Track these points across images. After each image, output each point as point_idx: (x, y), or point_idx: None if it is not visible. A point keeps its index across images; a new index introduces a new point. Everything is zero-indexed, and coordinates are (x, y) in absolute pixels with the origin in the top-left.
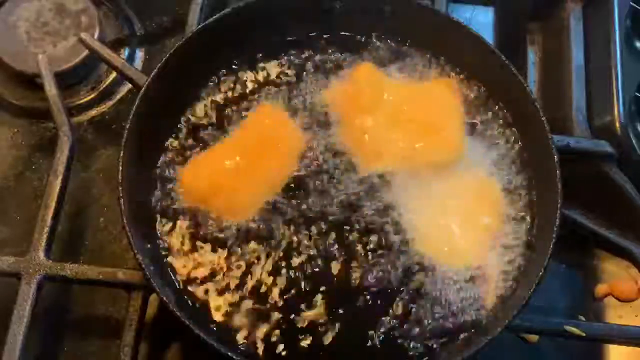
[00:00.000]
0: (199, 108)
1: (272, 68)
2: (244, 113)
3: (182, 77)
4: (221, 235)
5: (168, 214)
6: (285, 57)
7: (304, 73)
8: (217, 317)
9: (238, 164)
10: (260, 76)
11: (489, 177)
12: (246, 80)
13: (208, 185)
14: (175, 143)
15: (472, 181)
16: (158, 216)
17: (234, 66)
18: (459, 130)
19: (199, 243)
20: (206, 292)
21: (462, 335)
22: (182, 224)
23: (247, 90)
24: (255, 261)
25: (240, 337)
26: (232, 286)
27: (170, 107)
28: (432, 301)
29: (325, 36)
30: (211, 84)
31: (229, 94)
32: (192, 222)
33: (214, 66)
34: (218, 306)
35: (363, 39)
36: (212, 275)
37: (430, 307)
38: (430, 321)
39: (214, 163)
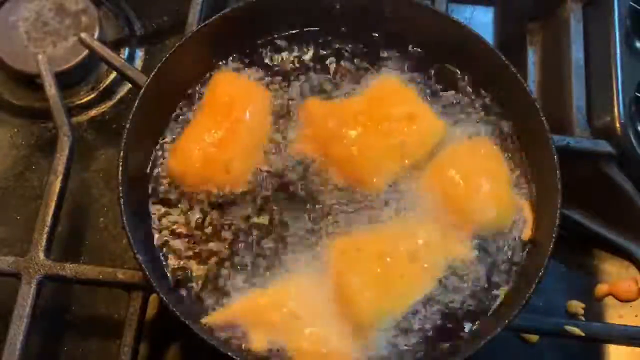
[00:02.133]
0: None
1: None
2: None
3: (182, 76)
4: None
5: (166, 205)
6: (286, 54)
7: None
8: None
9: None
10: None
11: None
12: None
13: (200, 163)
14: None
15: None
16: (156, 213)
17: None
18: (430, 113)
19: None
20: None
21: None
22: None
23: None
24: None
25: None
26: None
27: (170, 107)
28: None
29: (324, 38)
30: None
31: None
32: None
33: (214, 65)
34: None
35: (361, 39)
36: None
37: None
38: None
39: (197, 141)
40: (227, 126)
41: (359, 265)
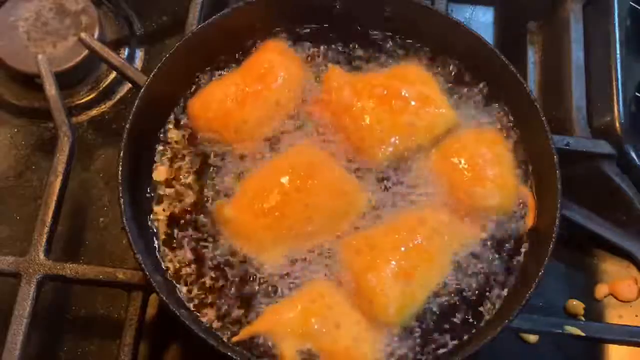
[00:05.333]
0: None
1: None
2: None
3: (182, 76)
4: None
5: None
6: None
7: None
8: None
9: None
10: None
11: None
12: None
13: (214, 113)
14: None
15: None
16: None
17: (232, 64)
18: (444, 101)
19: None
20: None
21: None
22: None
23: None
24: None
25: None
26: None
27: (170, 106)
28: None
29: (324, 39)
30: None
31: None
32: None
33: (214, 65)
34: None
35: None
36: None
37: None
38: None
39: (221, 92)
40: (255, 89)
41: (375, 263)
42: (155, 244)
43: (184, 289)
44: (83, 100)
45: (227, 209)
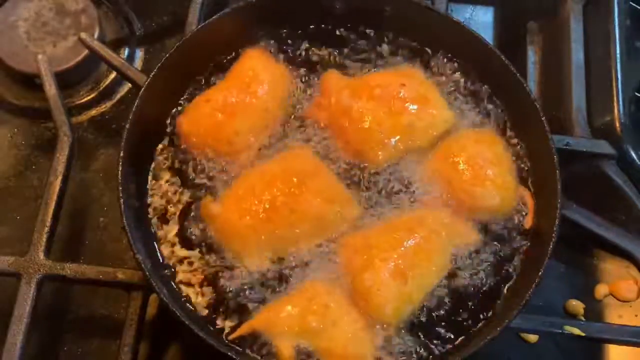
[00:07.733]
0: None
1: None
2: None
3: (182, 76)
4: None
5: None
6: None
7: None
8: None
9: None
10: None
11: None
12: None
13: (205, 128)
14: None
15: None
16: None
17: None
18: (442, 101)
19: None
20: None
21: None
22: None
23: None
24: None
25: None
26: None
27: (170, 106)
28: None
29: (323, 40)
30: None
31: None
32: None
33: (213, 64)
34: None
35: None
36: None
37: None
38: None
39: (209, 106)
40: (243, 99)
41: (373, 263)
42: (155, 244)
43: (184, 289)
44: (83, 100)
45: (214, 205)
